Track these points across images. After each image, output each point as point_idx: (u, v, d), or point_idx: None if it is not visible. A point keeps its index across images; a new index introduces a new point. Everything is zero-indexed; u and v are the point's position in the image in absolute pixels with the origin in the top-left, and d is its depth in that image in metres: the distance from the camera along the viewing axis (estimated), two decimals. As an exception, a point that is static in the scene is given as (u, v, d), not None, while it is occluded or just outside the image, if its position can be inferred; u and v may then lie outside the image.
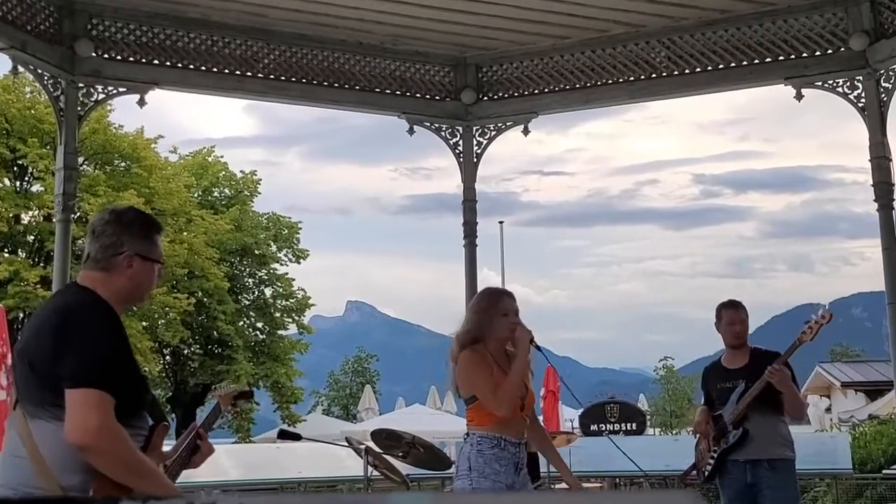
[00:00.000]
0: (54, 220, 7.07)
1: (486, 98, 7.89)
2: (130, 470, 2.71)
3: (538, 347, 4.45)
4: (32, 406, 2.76)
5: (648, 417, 25.88)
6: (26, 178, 24.38)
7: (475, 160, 7.95)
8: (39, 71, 6.79)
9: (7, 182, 24.03)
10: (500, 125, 7.96)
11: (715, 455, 5.33)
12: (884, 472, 7.17)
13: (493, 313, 4.45)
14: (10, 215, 23.63)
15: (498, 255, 27.64)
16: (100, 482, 2.68)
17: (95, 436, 2.64)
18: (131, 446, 2.74)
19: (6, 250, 23.71)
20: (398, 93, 7.77)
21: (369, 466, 5.45)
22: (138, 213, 3.22)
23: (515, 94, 7.84)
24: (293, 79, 7.42)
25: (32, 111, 23.06)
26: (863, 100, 6.84)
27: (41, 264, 22.80)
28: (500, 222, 27.97)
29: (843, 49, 6.87)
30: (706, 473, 5.40)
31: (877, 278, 6.76)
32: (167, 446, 3.19)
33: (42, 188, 23.43)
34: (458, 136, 7.95)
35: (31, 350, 2.86)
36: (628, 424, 16.26)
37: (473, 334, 4.44)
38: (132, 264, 2.96)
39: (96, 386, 2.67)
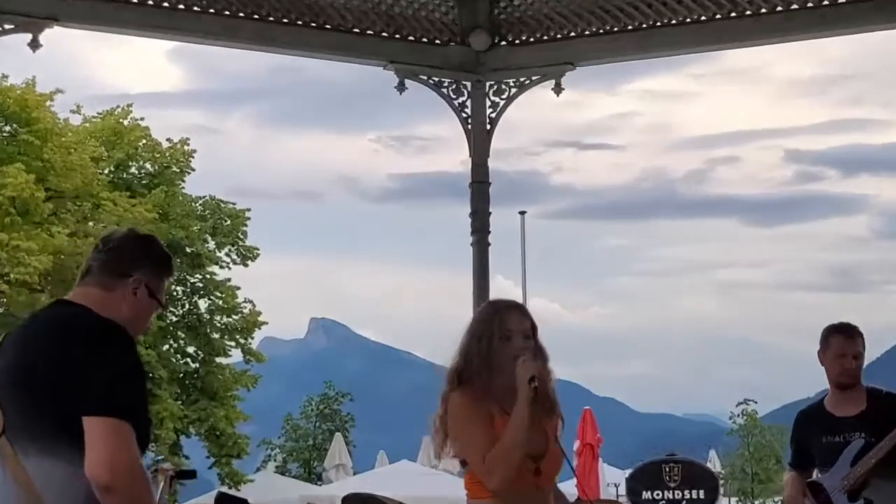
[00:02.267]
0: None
1: (503, 43, 7.91)
2: None
3: (535, 389, 3.84)
4: (29, 440, 2.92)
5: (722, 482, 25.91)
6: None
7: (488, 128, 7.96)
8: None
9: None
10: (522, 80, 7.96)
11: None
12: None
13: (491, 336, 4.03)
14: None
15: (518, 258, 27.73)
16: None
17: (124, 475, 2.81)
18: (153, 493, 3.04)
19: None
20: (384, 35, 7.78)
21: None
22: (158, 242, 3.51)
23: (544, 37, 7.85)
24: (241, 14, 7.42)
25: None
26: None
27: None
28: (522, 213, 28.07)
29: None
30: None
31: None
32: None
33: None
34: (466, 94, 7.96)
35: (32, 377, 3.00)
36: (694, 492, 16.18)
37: (468, 367, 4.06)
38: (137, 292, 3.21)
39: (125, 417, 2.86)
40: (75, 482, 2.85)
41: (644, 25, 7.60)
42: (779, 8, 7.28)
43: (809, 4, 7.24)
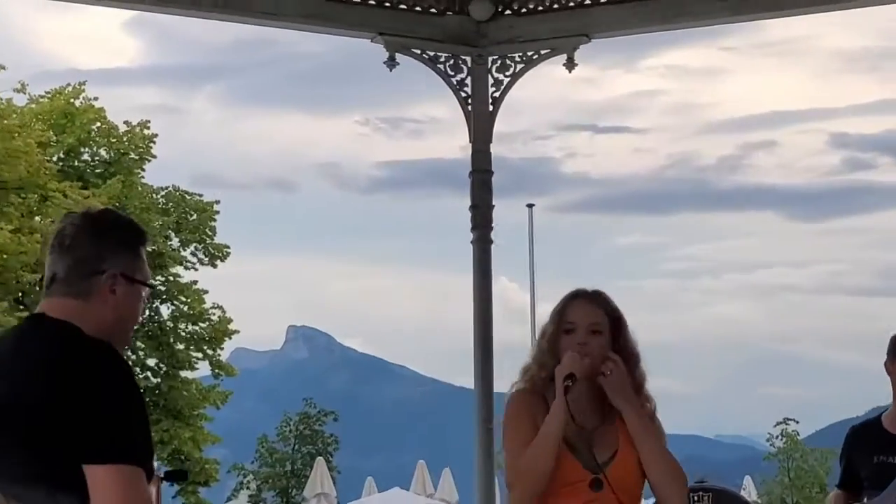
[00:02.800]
0: None
1: (508, 12, 7.92)
2: None
3: (567, 386, 3.83)
4: (12, 485, 2.87)
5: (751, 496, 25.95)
6: None
7: (491, 109, 7.97)
8: None
9: None
10: (530, 54, 7.97)
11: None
12: None
13: (554, 330, 4.07)
14: None
15: (525, 256, 27.82)
16: None
17: None
18: None
19: None
20: (371, 2, 7.79)
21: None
22: (118, 216, 3.38)
23: (555, 5, 7.86)
24: (208, -22, 7.44)
25: None
26: None
27: None
28: (530, 206, 28.22)
29: None
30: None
31: None
32: None
33: None
34: (466, 70, 7.98)
35: (17, 414, 2.91)
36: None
37: (534, 364, 4.11)
38: (115, 289, 3.09)
39: (135, 462, 2.81)
40: None
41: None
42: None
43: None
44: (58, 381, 2.91)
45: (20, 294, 24.93)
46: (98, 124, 30.19)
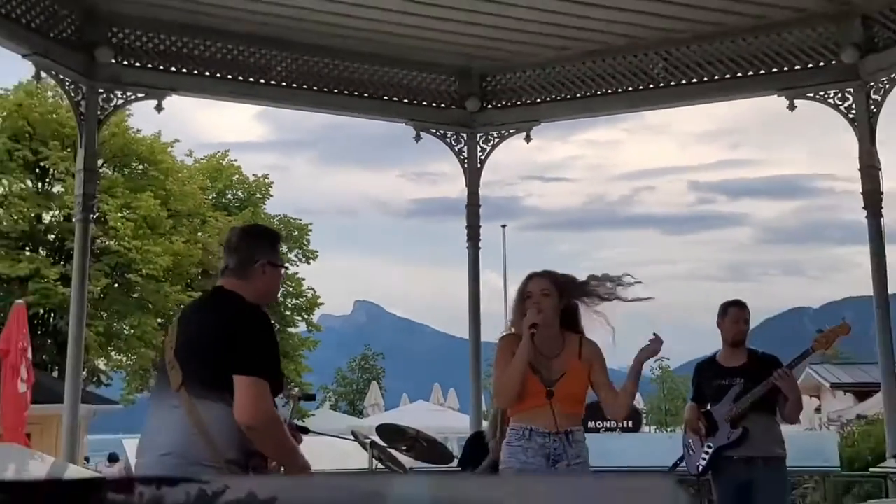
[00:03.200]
0: (74, 219, 7.10)
1: (490, 106, 7.89)
2: (283, 450, 3.11)
3: (532, 332, 3.80)
4: (202, 388, 3.04)
5: (645, 415, 25.83)
6: (47, 180, 24.46)
7: (479, 166, 7.94)
8: (61, 76, 6.82)
9: (29, 183, 24.09)
10: (503, 132, 7.95)
11: (709, 451, 5.32)
12: (871, 470, 7.17)
13: (521, 296, 4.03)
14: (32, 215, 23.73)
15: (500, 259, 27.66)
16: (255, 459, 3.04)
17: (262, 418, 2.98)
18: (285, 430, 3.14)
19: (28, 249, 23.78)
20: (405, 101, 7.79)
21: (374, 460, 5.44)
22: (264, 227, 3.67)
23: (518, 102, 7.84)
24: (304, 86, 7.44)
25: (54, 115, 23.13)
26: (853, 111, 6.85)
27: (61, 262, 22.86)
28: (503, 226, 28.07)
29: (834, 62, 6.88)
30: (700, 468, 5.39)
31: (866, 284, 6.76)
32: None
33: (63, 189, 23.48)
34: (463, 142, 7.96)
35: (202, 344, 3.16)
36: (625, 422, 16.21)
37: (513, 321, 4.06)
38: (265, 271, 3.29)
39: (264, 376, 3.00)
40: (231, 419, 2.96)
41: (588, 94, 7.60)
42: (682, 81, 7.30)
43: (704, 79, 7.25)
44: (225, 325, 3.16)
45: (189, 281, 24.87)
46: (236, 176, 30.15)
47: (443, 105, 7.89)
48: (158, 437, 3.17)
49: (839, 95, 6.90)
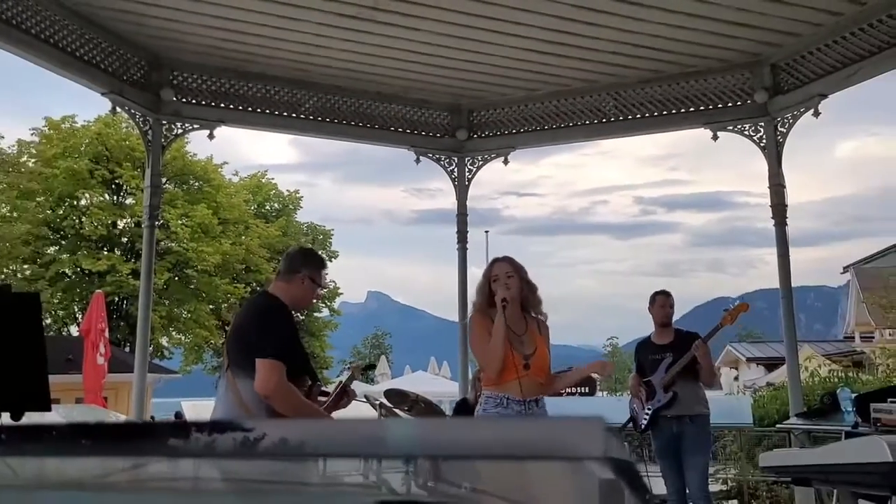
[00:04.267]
0: (143, 226, 7.09)
1: (475, 136, 7.89)
2: (299, 411, 3.06)
3: (504, 305, 3.68)
4: (239, 369, 3.12)
5: (598, 383, 25.81)
6: (121, 194, 24.44)
7: (467, 184, 7.94)
8: (132, 111, 6.81)
9: (107, 196, 24.09)
10: (486, 157, 7.95)
11: (649, 411, 5.35)
12: (777, 426, 7.19)
13: (487, 279, 3.85)
14: (109, 222, 23.72)
15: (484, 258, 27.59)
16: (279, 417, 3.00)
17: (274, 391, 3.01)
18: (297, 395, 3.12)
19: (105, 249, 23.73)
20: (408, 131, 7.78)
21: (382, 418, 5.45)
22: (318, 254, 3.68)
23: (498, 133, 7.84)
24: (327, 119, 7.43)
25: (127, 142, 23.14)
26: (764, 141, 6.87)
27: (132, 260, 22.84)
28: (486, 232, 28.02)
29: (748, 102, 6.90)
30: (642, 426, 5.42)
31: (774, 278, 6.79)
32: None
33: (133, 201, 23.50)
34: (454, 164, 7.96)
35: (242, 332, 3.23)
36: (582, 388, 16.25)
37: (480, 302, 3.86)
38: (304, 283, 3.37)
39: (277, 358, 3.04)
40: (258, 394, 3.04)
41: (553, 126, 7.60)
42: (629, 117, 7.31)
43: (646, 115, 7.26)
44: (253, 318, 3.24)
45: (234, 275, 24.84)
46: (273, 191, 30.16)
47: (438, 135, 7.89)
48: (215, 409, 3.29)
49: (753, 128, 6.93)
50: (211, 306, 24.65)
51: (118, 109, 6.78)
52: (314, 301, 3.53)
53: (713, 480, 7.16)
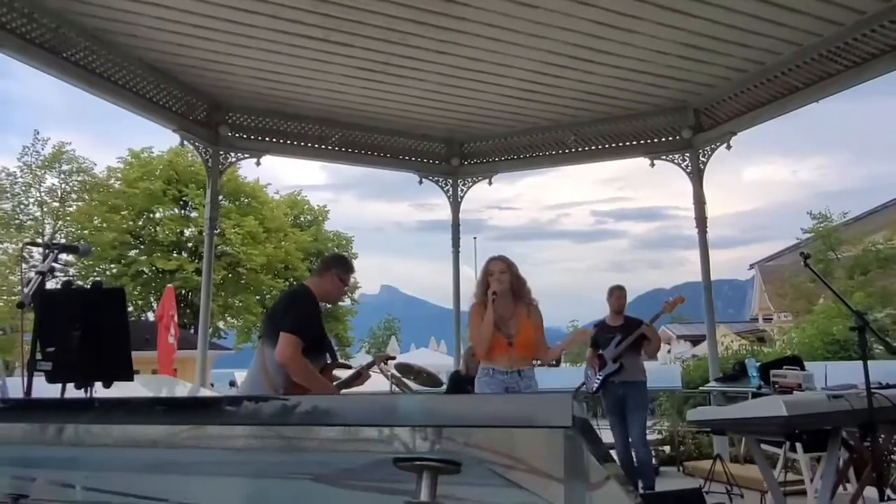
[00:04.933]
0: (204, 234, 7.08)
1: (466, 163, 7.90)
2: (308, 379, 2.95)
3: (493, 298, 3.62)
4: (267, 339, 3.02)
5: (563, 357, 25.76)
6: (187, 208, 24.35)
7: (459, 200, 7.93)
8: (196, 144, 6.81)
9: (176, 210, 24.00)
10: (474, 179, 7.95)
11: (600, 378, 5.37)
12: (700, 388, 7.22)
13: (484, 274, 3.75)
14: (178, 231, 23.64)
15: (473, 259, 27.49)
16: (291, 385, 2.95)
17: (289, 358, 2.90)
18: (308, 366, 2.97)
19: (175, 252, 23.66)
20: (413, 159, 7.78)
21: (393, 385, 5.45)
22: (347, 259, 3.55)
23: (484, 161, 7.85)
24: (349, 149, 7.43)
25: (192, 167, 23.06)
26: (689, 168, 6.91)
27: (196, 261, 22.76)
28: (475, 238, 27.78)
29: (678, 137, 6.94)
30: (594, 389, 5.43)
31: (698, 273, 6.83)
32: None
33: (197, 214, 23.41)
34: (449, 185, 7.95)
35: (274, 311, 3.14)
36: (552, 362, 16.17)
37: (478, 294, 3.76)
38: (333, 279, 3.27)
39: (295, 333, 2.94)
40: (275, 359, 2.96)
41: (527, 156, 7.62)
42: (586, 148, 7.34)
43: (599, 147, 7.28)
44: (283, 300, 3.19)
45: (276, 272, 24.74)
46: (306, 206, 30.05)
47: (436, 162, 7.90)
48: (248, 372, 3.23)
49: (681, 158, 6.96)
50: (257, 297, 24.56)
51: (185, 143, 6.79)
52: (342, 296, 3.40)
53: (651, 431, 7.17)
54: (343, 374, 3.72)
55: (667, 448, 7.40)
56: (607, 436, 5.56)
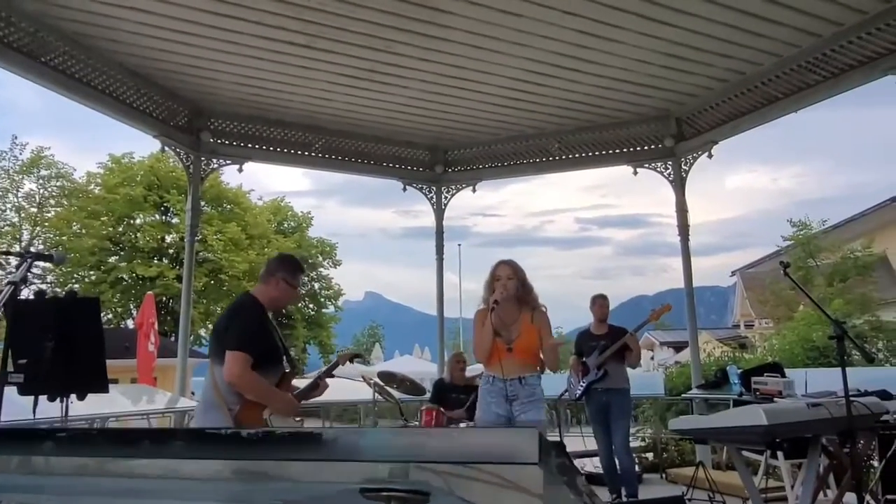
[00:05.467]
0: (185, 240, 7.00)
1: (450, 170, 7.91)
2: (261, 395, 2.81)
3: (493, 307, 3.47)
4: (216, 358, 2.83)
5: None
6: (168, 214, 24.11)
7: (443, 208, 7.93)
8: (177, 150, 6.75)
9: (157, 216, 23.76)
10: (458, 187, 7.95)
11: (583, 385, 5.37)
12: (682, 395, 7.27)
13: (490, 279, 3.61)
14: (159, 237, 23.40)
15: (457, 266, 27.57)
16: (245, 402, 2.79)
17: (237, 377, 2.73)
18: (260, 382, 2.79)
19: (156, 258, 23.40)
20: (397, 166, 7.78)
21: (376, 394, 5.43)
22: (295, 258, 3.22)
23: (467, 168, 7.86)
24: (333, 156, 7.41)
25: (174, 173, 22.86)
26: (671, 176, 6.97)
27: (177, 267, 22.53)
28: (459, 245, 27.93)
29: (660, 146, 7.01)
30: (577, 396, 5.44)
31: (680, 280, 6.88)
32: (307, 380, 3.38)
33: (178, 220, 23.17)
34: (433, 192, 7.95)
35: (218, 328, 2.92)
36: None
37: (486, 294, 3.61)
38: (279, 284, 3.01)
39: (241, 349, 2.75)
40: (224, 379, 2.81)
41: (511, 163, 7.66)
42: (569, 156, 7.38)
43: (582, 155, 7.32)
44: (226, 314, 2.92)
45: (258, 279, 24.63)
46: (290, 212, 29.90)
47: (420, 169, 7.90)
48: (203, 389, 3.04)
49: (663, 166, 7.03)
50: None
51: (166, 149, 6.72)
52: (293, 300, 3.12)
53: (634, 438, 7.20)
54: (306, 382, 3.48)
55: (650, 455, 7.42)
56: (591, 443, 5.56)
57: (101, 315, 2.81)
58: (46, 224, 22.29)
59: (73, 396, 2.31)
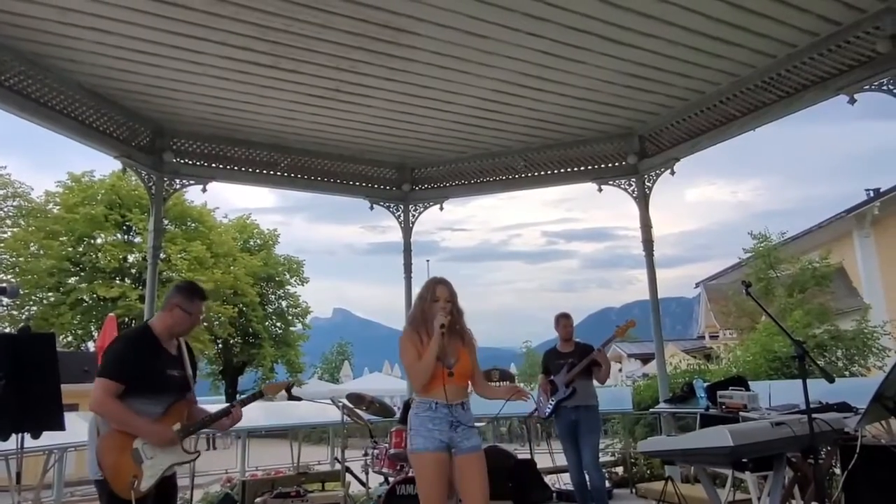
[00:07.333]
0: (148, 260, 6.84)
1: (417, 188, 7.92)
2: (123, 423, 2.78)
3: (442, 333, 3.27)
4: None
5: (516, 378, 25.92)
6: (131, 234, 23.57)
7: (410, 226, 7.92)
8: (139, 170, 6.62)
9: (119, 236, 23.21)
10: (425, 204, 7.96)
11: (552, 403, 5.38)
12: (650, 410, 7.33)
13: (426, 298, 3.39)
14: (121, 257, 22.84)
15: (425, 280, 27.54)
16: (110, 429, 2.78)
17: (98, 404, 2.73)
18: (121, 411, 2.77)
19: (118, 279, 22.82)
20: (364, 185, 7.75)
21: (345, 416, 5.35)
22: (193, 285, 3.16)
23: (434, 186, 7.88)
24: (299, 175, 7.35)
25: (136, 191, 22.38)
26: (635, 192, 7.09)
27: (139, 288, 21.99)
28: (427, 260, 27.87)
29: (624, 163, 7.13)
30: (546, 414, 5.44)
31: (646, 292, 6.97)
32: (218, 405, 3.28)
33: (141, 239, 22.68)
34: (400, 211, 7.94)
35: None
36: (503, 383, 16.18)
37: (414, 315, 3.42)
38: (173, 312, 2.99)
39: (103, 377, 2.74)
40: None
41: (477, 181, 7.70)
42: (535, 173, 7.45)
43: (548, 172, 7.40)
44: (111, 342, 2.92)
45: (224, 299, 24.05)
46: (256, 230, 29.47)
47: (387, 188, 7.89)
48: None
49: (627, 183, 7.15)
50: (205, 324, 23.85)
51: (128, 169, 6.57)
52: (192, 326, 3.04)
53: (603, 453, 7.24)
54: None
55: (619, 469, 7.45)
56: (560, 459, 5.56)
57: (57, 349, 2.73)
58: (2, 245, 21.56)
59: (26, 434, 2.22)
